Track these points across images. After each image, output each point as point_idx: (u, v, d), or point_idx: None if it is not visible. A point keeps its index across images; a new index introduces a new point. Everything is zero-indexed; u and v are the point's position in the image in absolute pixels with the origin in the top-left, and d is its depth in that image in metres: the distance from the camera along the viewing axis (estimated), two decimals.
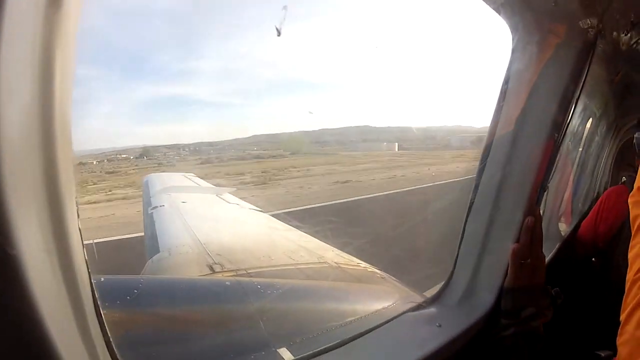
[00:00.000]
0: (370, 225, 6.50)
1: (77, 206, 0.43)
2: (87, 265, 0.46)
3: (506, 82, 1.16)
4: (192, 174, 5.03)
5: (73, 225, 0.42)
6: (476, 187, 1.22)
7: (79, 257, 0.43)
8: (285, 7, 0.73)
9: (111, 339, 0.49)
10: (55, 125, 0.37)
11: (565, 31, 1.09)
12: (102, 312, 0.47)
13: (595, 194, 3.91)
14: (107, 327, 0.48)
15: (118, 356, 0.51)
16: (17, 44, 0.32)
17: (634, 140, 2.07)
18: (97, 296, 0.47)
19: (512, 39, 1.12)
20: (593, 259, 2.18)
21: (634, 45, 1.45)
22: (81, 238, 0.44)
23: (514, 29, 1.10)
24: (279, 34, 0.74)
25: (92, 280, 0.46)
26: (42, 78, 0.35)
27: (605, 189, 4.10)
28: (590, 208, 2.66)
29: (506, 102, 1.16)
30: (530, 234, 1.12)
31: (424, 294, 1.47)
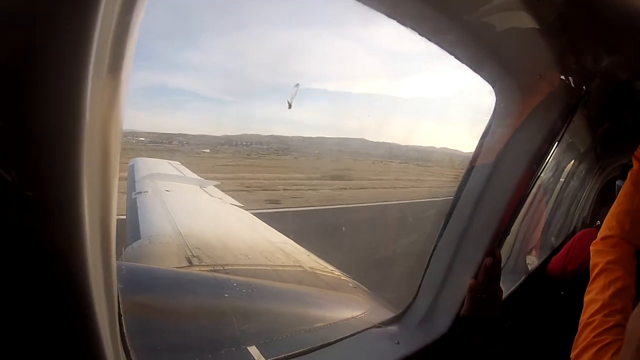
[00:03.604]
0: None
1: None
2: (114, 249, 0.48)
3: (486, 132, 1.24)
4: (178, 163, 4.95)
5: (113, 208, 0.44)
6: (445, 224, 1.31)
7: (113, 239, 0.45)
8: (297, 85, 0.78)
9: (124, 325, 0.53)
10: (112, 121, 0.40)
11: (549, 92, 1.17)
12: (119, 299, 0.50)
13: (572, 229, 3.96)
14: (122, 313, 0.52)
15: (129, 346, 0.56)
16: (97, 51, 0.33)
17: (615, 187, 2.18)
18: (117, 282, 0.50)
19: (495, 95, 1.18)
20: (562, 292, 2.24)
21: (621, 98, 1.54)
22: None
23: (494, 84, 1.16)
24: (289, 106, 0.79)
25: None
26: (111, 82, 0.38)
27: (583, 225, 4.19)
28: (563, 243, 2.74)
29: (484, 149, 1.25)
30: (488, 273, 1.22)
31: (390, 305, 1.54)
